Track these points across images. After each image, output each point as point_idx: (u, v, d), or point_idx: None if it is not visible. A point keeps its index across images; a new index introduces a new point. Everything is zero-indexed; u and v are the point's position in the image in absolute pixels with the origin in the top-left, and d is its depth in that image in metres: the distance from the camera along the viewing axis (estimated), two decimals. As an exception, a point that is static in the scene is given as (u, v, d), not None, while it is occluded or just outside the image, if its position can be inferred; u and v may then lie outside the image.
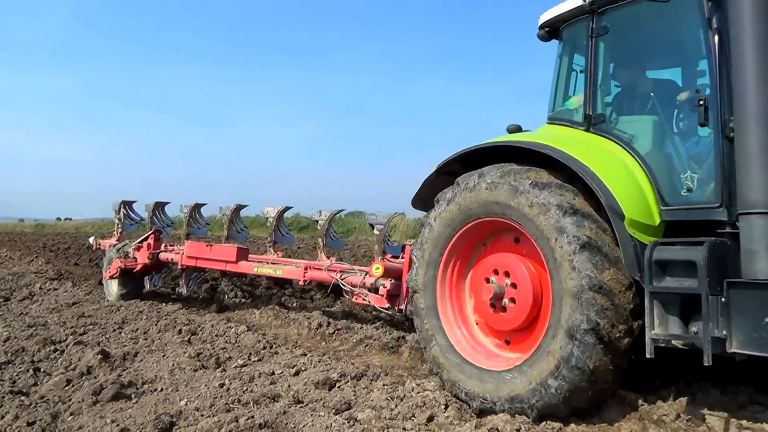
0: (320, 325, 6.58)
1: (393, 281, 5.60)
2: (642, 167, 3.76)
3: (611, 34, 4.07)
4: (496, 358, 3.99)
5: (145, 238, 8.38)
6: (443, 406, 3.66)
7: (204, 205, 9.07)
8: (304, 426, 3.38)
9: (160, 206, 9.28)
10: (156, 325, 6.46)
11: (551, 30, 4.62)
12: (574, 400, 3.45)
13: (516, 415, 3.54)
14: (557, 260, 3.46)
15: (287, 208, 8.24)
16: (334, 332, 6.43)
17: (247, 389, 4.14)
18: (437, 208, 4.26)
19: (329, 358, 5.09)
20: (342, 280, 6.14)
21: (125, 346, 5.61)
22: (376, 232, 6.71)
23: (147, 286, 8.82)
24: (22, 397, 4.14)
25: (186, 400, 3.95)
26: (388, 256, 6.26)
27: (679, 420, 3.54)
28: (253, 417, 3.45)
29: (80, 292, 9.16)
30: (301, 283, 6.78)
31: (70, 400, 4.10)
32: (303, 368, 4.63)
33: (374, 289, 5.75)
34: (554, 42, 4.69)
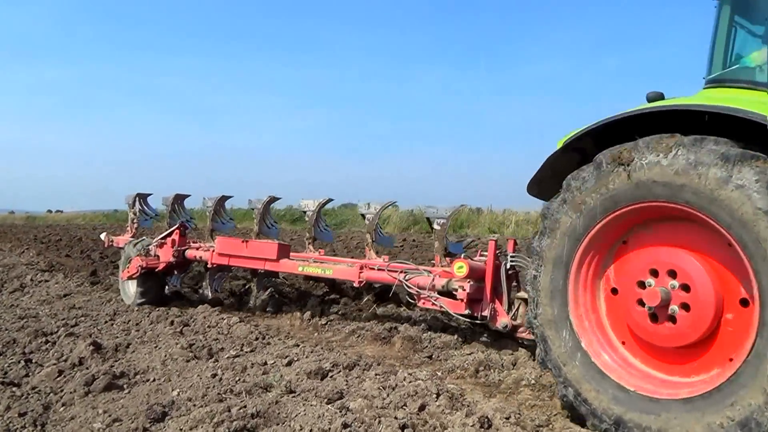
0: (313, 316, 6.60)
1: (473, 283, 4.90)
2: None
3: None
4: (667, 386, 3.13)
5: (169, 234, 7.36)
6: (435, 395, 3.68)
7: (230, 197, 8.14)
8: (296, 415, 3.39)
9: (180, 199, 8.37)
10: (148, 316, 6.45)
11: None
12: None
13: (507, 403, 3.56)
14: None
15: (328, 201, 7.34)
16: (326, 323, 6.45)
17: (239, 379, 4.14)
18: (574, 189, 3.38)
19: (322, 348, 5.10)
20: (407, 281, 5.38)
21: (117, 337, 5.60)
22: (436, 227, 5.88)
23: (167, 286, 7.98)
24: (14, 388, 4.13)
25: (178, 390, 3.96)
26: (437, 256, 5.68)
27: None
28: (245, 407, 3.46)
29: (72, 284, 9.12)
30: (356, 284, 5.92)
31: (62, 390, 4.10)
32: (295, 358, 4.64)
33: (447, 292, 5.08)
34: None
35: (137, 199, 8.95)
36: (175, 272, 7.84)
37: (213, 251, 6.98)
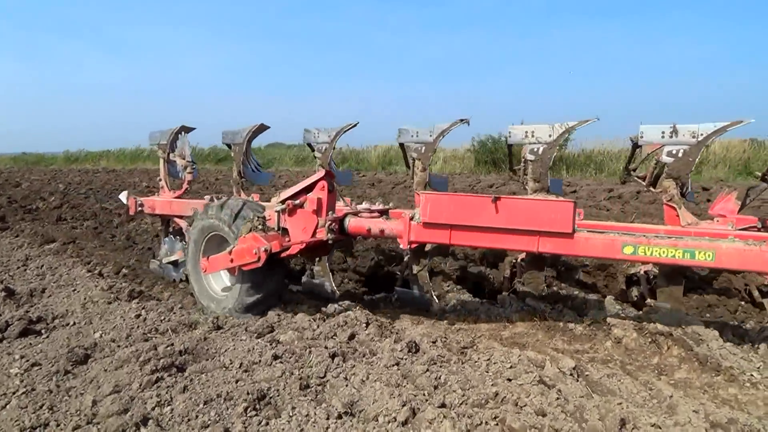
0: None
1: None
2: None
3: None
4: None
5: (307, 189, 4.12)
6: (364, 325, 3.76)
7: (354, 125, 5.26)
8: (225, 350, 3.38)
9: (259, 132, 5.48)
10: (64, 261, 6.16)
11: None
12: None
13: (434, 329, 3.69)
14: None
15: (585, 121, 4.28)
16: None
17: (164, 319, 4.06)
18: None
19: (250, 285, 5.06)
20: None
21: (31, 282, 5.33)
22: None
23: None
24: None
25: (101, 332, 3.84)
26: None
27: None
28: (172, 344, 3.41)
29: (-23, 230, 8.54)
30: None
31: (-28, 339, 3.89)
32: (223, 296, 4.58)
33: None
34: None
35: (181, 135, 5.77)
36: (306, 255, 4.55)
37: (410, 221, 3.92)
